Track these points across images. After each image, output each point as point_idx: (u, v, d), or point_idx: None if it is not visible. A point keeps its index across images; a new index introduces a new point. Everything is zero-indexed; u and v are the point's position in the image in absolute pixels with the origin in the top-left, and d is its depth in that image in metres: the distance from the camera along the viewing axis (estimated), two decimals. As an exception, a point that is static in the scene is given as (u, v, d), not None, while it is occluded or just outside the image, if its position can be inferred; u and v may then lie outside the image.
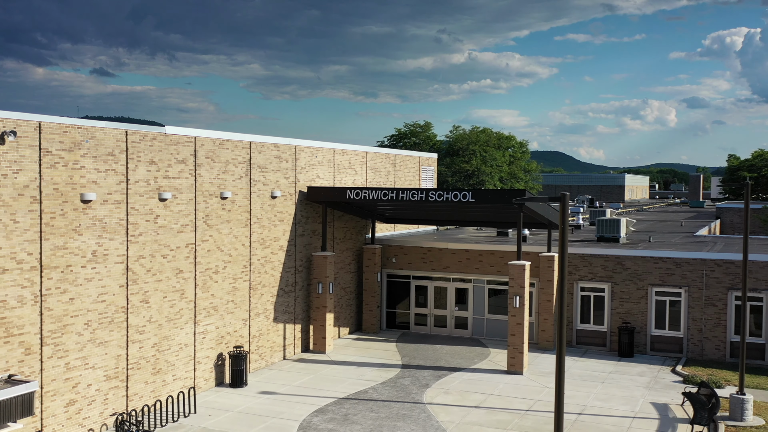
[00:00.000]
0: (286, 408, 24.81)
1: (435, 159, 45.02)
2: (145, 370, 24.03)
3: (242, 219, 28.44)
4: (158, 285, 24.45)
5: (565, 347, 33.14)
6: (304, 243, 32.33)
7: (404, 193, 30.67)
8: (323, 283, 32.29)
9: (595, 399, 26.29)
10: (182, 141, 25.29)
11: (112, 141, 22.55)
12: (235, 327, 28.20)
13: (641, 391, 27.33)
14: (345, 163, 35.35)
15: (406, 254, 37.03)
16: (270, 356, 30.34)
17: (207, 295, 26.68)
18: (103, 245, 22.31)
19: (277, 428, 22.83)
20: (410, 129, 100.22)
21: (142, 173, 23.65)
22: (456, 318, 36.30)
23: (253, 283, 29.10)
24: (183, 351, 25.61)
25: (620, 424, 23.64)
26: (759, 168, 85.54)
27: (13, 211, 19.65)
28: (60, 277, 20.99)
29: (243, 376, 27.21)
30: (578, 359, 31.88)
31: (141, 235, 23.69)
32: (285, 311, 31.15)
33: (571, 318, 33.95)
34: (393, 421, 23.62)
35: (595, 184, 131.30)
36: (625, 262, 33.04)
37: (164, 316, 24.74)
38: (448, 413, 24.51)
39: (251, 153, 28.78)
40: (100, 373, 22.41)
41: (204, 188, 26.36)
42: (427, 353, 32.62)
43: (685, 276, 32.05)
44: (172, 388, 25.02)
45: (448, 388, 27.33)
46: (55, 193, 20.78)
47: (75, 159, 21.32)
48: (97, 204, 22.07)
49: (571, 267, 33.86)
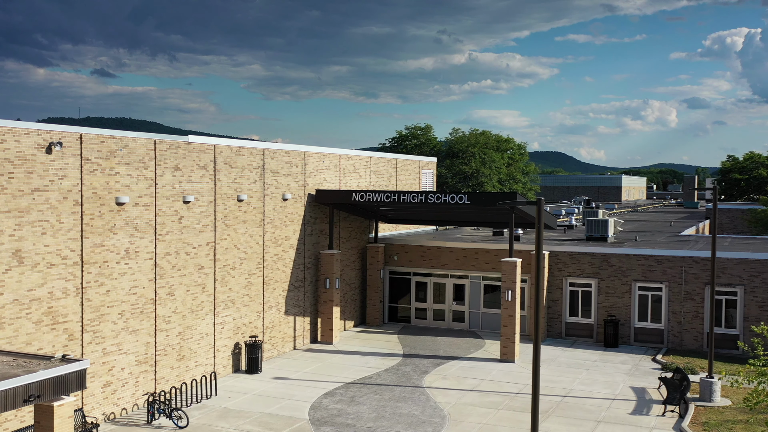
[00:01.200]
0: (298, 391, 27.34)
1: (434, 162, 47.54)
2: (171, 357, 26.57)
3: (256, 219, 30.97)
4: (182, 279, 26.99)
5: (554, 338, 35.75)
6: (312, 242, 34.86)
7: (405, 196, 33.16)
8: (330, 279, 34.81)
9: (579, 384, 28.80)
10: (203, 149, 27.83)
11: (143, 149, 25.09)
12: (250, 318, 30.73)
13: (622, 377, 29.84)
14: (350, 167, 37.88)
15: (407, 252, 39.54)
16: (282, 346, 32.87)
17: (225, 289, 29.22)
18: (134, 243, 24.84)
19: (291, 408, 25.35)
20: (411, 131, 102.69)
21: (169, 178, 26.19)
22: (454, 312, 38.82)
23: (266, 279, 31.63)
24: (204, 340, 28.14)
25: (600, 405, 26.15)
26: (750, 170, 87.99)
27: (59, 212, 22.19)
28: (98, 271, 23.53)
29: (258, 364, 29.74)
30: (567, 349, 34.39)
31: (167, 234, 26.23)
32: (295, 305, 33.69)
33: (560, 311, 36.42)
34: (395, 402, 26.14)
35: (592, 185, 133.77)
36: (611, 259, 35.55)
37: (187, 307, 27.27)
38: (445, 396, 27.02)
39: (264, 159, 31.31)
40: (132, 358, 24.94)
41: (222, 191, 28.90)
42: (426, 344, 35.14)
43: (666, 272, 34.55)
44: (195, 373, 27.56)
45: (446, 375, 29.86)
46: (94, 197, 23.31)
47: (111, 166, 23.85)
48: (130, 206, 24.60)
49: (560, 264, 36.35)
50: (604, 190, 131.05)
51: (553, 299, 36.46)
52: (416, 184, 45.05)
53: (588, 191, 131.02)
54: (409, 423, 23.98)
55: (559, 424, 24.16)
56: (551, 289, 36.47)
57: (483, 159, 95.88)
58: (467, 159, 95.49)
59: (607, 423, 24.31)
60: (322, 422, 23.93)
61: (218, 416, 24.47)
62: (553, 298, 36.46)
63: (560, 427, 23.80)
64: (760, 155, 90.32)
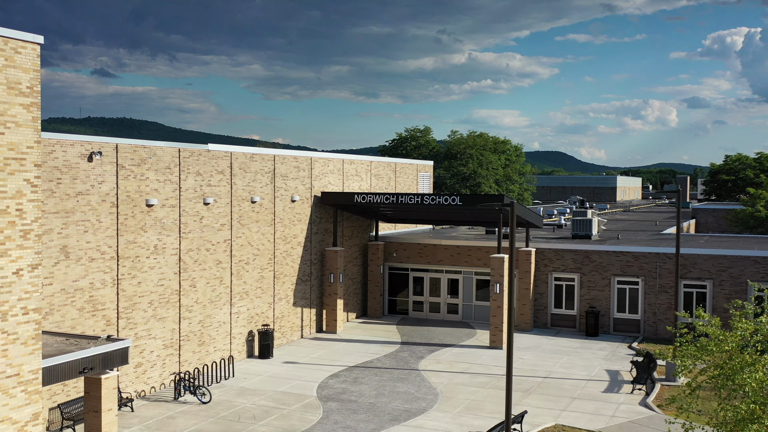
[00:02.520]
0: (307, 373, 30.48)
1: (431, 166, 50.66)
2: (193, 342, 29.71)
3: (268, 219, 34.11)
4: (203, 273, 30.13)
5: (540, 328, 38.76)
6: (318, 240, 38.00)
7: (403, 197, 36.26)
8: (334, 273, 37.94)
9: (560, 367, 31.93)
10: (221, 156, 30.97)
11: (169, 157, 28.22)
12: (262, 309, 33.87)
13: (599, 361, 32.97)
14: (352, 171, 41.02)
15: (405, 250, 42.67)
16: (290, 335, 36.02)
17: (240, 282, 32.35)
18: (162, 240, 27.98)
19: (301, 387, 28.49)
20: (411, 134, 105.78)
21: (191, 182, 29.32)
22: (448, 304, 41.96)
23: (276, 273, 34.77)
24: (221, 327, 31.28)
25: (577, 385, 29.28)
26: (737, 171, 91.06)
27: (98, 213, 25.33)
28: (131, 265, 26.67)
29: (270, 350, 32.87)
30: (551, 338, 37.52)
31: (190, 233, 29.37)
32: (302, 297, 36.83)
33: (546, 303, 39.55)
34: (394, 382, 29.27)
35: (588, 186, 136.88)
36: (592, 255, 38.67)
37: (207, 298, 30.41)
38: (438, 377, 30.16)
39: (275, 164, 34.44)
40: (160, 342, 28.08)
41: (238, 194, 32.03)
42: (422, 333, 38.28)
43: (642, 267, 37.66)
44: (214, 357, 30.69)
45: (440, 359, 32.99)
46: (128, 199, 26.45)
47: (142, 172, 26.99)
48: (158, 207, 27.74)
49: (546, 260, 39.47)
50: (599, 191, 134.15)
51: (539, 292, 39.58)
52: (414, 186, 48.17)
53: (584, 191, 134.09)
54: (406, 399, 27.11)
55: (539, 400, 27.28)
56: (537, 283, 39.59)
57: (480, 160, 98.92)
58: (465, 160, 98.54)
59: (581, 399, 27.44)
60: (329, 399, 27.07)
61: (236, 394, 27.60)
62: (540, 291, 39.58)
63: (540, 403, 26.91)
64: (747, 157, 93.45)
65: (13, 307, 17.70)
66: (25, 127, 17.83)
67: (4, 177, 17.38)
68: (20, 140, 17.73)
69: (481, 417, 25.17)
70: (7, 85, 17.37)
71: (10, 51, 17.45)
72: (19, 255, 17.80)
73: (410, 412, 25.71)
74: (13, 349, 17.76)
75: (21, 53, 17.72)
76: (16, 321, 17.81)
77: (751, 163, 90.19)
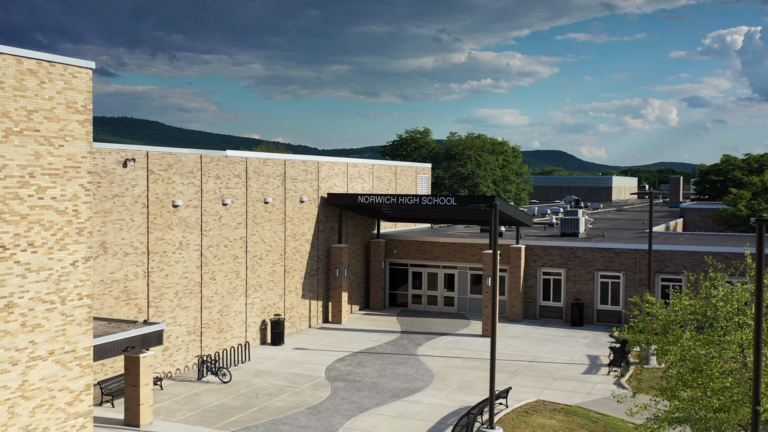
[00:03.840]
0: (315, 357, 33.67)
1: (429, 168, 53.83)
2: (213, 329, 32.90)
3: (279, 218, 37.30)
4: (221, 267, 33.31)
5: (529, 319, 41.86)
6: (324, 237, 41.19)
7: (403, 198, 39.41)
8: (339, 268, 41.14)
9: (545, 353, 35.11)
10: (237, 161, 34.15)
11: (192, 162, 31.41)
12: (274, 300, 37.07)
13: (582, 348, 36.14)
14: (356, 173, 44.21)
15: (405, 247, 45.85)
16: (299, 324, 39.23)
17: (254, 275, 35.54)
18: (186, 237, 31.17)
19: (311, 370, 31.68)
20: (410, 135, 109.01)
21: (211, 185, 32.51)
22: (445, 297, 45.15)
23: (287, 268, 37.96)
24: (238, 316, 34.47)
25: (559, 367, 32.46)
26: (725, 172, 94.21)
27: (131, 213, 28.52)
28: (159, 259, 29.86)
29: (281, 337, 36.06)
30: (539, 327, 40.71)
31: (210, 231, 32.56)
32: (310, 290, 40.03)
33: (535, 296, 42.73)
34: (394, 366, 32.46)
35: (584, 186, 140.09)
36: (577, 252, 41.85)
37: (225, 290, 33.60)
38: (434, 361, 33.35)
39: (285, 168, 37.63)
40: (184, 329, 31.27)
41: (252, 195, 35.22)
42: (420, 323, 41.49)
43: (623, 263, 40.83)
44: (231, 343, 33.87)
45: (436, 346, 36.19)
46: (156, 201, 29.63)
47: (168, 176, 30.18)
48: (182, 208, 30.92)
49: (535, 256, 42.64)
50: (595, 190, 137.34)
51: (529, 286, 42.76)
52: (413, 188, 51.36)
53: (580, 191, 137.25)
54: (405, 380, 30.30)
55: (524, 380, 30.45)
56: (527, 277, 42.76)
57: (478, 161, 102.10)
58: (463, 161, 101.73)
59: (562, 379, 30.62)
60: (336, 379, 30.26)
61: (253, 375, 30.79)
62: (529, 285, 42.76)
63: (525, 382, 30.08)
64: (736, 158, 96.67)
65: (70, 293, 20.89)
66: (80, 140, 21.04)
67: (64, 183, 20.58)
68: (76, 151, 20.93)
69: (471, 394, 28.33)
70: (66, 104, 20.57)
71: (69, 76, 20.65)
72: (75, 249, 20.99)
73: (409, 390, 28.90)
74: (70, 329, 20.95)
75: (77, 77, 20.93)
76: (73, 305, 21.00)
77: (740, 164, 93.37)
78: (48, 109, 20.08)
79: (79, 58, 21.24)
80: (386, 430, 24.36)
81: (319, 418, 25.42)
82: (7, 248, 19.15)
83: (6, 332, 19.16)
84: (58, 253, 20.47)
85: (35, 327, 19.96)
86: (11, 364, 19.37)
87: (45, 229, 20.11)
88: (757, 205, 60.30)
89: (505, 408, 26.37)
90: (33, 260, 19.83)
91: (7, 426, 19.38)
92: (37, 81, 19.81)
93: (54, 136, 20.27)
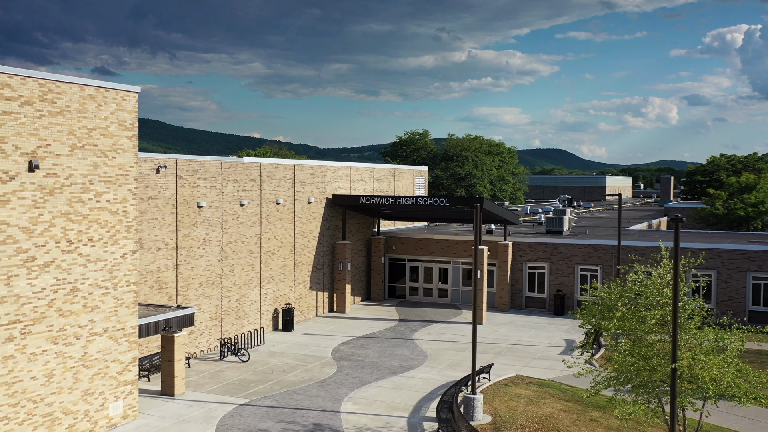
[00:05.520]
0: (322, 341, 37.86)
1: (425, 170, 58.00)
2: (231, 316, 37.08)
3: (289, 217, 41.47)
4: (239, 261, 37.49)
5: (516, 309, 45.99)
6: (329, 234, 45.37)
7: (400, 199, 43.54)
8: (343, 263, 45.30)
9: (528, 337, 39.29)
10: (253, 166, 38.32)
11: (214, 168, 35.57)
12: (285, 291, 41.25)
13: (561, 333, 40.30)
14: (358, 176, 48.39)
15: (403, 243, 50.02)
16: (307, 313, 43.42)
17: (268, 269, 39.72)
18: (208, 234, 35.34)
19: (319, 351, 35.86)
20: (410, 137, 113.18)
21: (230, 188, 36.68)
22: (439, 289, 49.33)
23: (296, 262, 42.15)
24: (253, 305, 38.65)
25: (539, 349, 36.64)
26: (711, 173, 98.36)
27: (163, 213, 32.69)
28: (186, 254, 34.04)
29: (292, 324, 40.25)
30: (524, 316, 44.89)
31: (229, 229, 36.73)
32: (317, 282, 44.22)
33: (521, 288, 46.90)
34: (392, 348, 36.63)
35: (579, 185, 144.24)
36: (559, 247, 46.00)
37: (242, 281, 37.78)
38: (428, 344, 37.52)
39: (295, 172, 41.81)
40: (207, 315, 35.44)
41: (266, 197, 39.39)
42: (417, 313, 45.68)
43: (601, 257, 44.98)
44: (247, 328, 38.06)
45: (430, 332, 40.37)
46: (184, 202, 33.80)
47: (194, 180, 34.35)
48: (206, 209, 35.09)
49: (521, 251, 46.80)
50: (589, 190, 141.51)
51: (516, 279, 46.93)
52: (411, 189, 55.53)
53: (575, 191, 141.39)
54: (402, 359, 34.48)
55: (507, 359, 34.62)
56: (514, 271, 46.92)
57: (475, 162, 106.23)
58: (461, 162, 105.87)
59: (541, 359, 34.80)
60: (341, 359, 34.44)
61: (268, 355, 34.99)
62: (516, 278, 46.93)
63: (507, 361, 34.25)
64: (721, 159, 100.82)
65: (120, 281, 25.07)
66: (128, 152, 25.22)
67: (116, 188, 24.76)
68: (125, 162, 25.11)
69: (459, 371, 32.50)
70: (118, 123, 24.75)
71: (120, 99, 24.84)
72: (125, 244, 25.18)
73: (405, 367, 33.09)
74: (120, 311, 25.14)
75: (126, 100, 25.11)
76: (123, 290, 25.19)
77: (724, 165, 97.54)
78: (104, 128, 24.26)
79: (128, 84, 25.41)
80: (385, 398, 28.54)
81: (327, 389, 29.60)
82: (73, 242, 23.35)
83: (72, 312, 23.36)
84: (111, 247, 24.66)
85: (93, 308, 24.16)
86: (75, 338, 23.57)
87: (101, 227, 24.30)
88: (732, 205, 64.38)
89: (488, 381, 30.54)
90: (92, 253, 24.02)
91: (72, 389, 23.58)
92: (96, 104, 23.99)
93: (108, 149, 24.46)
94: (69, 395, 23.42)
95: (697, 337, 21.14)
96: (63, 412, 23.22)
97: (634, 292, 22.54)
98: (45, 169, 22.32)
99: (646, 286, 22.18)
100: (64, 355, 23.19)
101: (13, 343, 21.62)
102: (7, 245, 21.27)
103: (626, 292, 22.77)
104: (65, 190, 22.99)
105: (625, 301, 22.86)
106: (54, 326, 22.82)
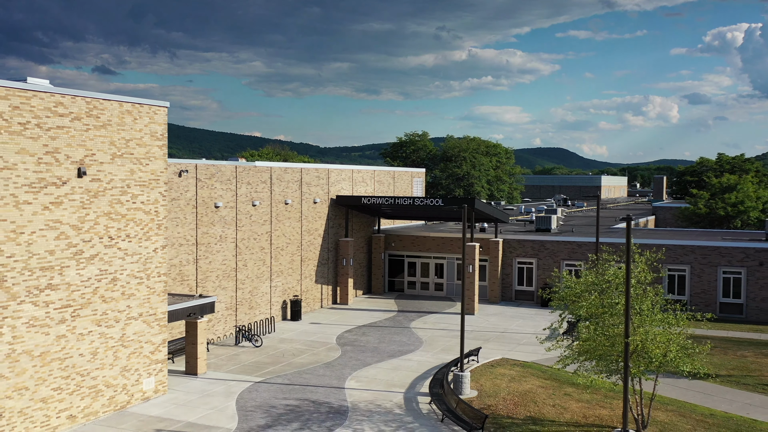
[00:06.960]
0: (327, 329, 41.51)
1: (423, 172, 61.65)
2: (245, 306, 40.72)
3: (296, 216, 45.10)
4: (251, 256, 41.12)
5: (506, 301, 49.55)
6: (333, 232, 49.01)
7: (399, 200, 47.14)
8: (346, 258, 48.94)
9: (516, 326, 42.92)
10: (264, 169, 41.95)
11: (229, 172, 39.20)
12: (293, 284, 44.89)
13: (546, 323, 43.83)
14: (359, 178, 52.03)
15: (402, 240, 53.65)
16: (313, 305, 47.08)
17: (277, 263, 43.35)
18: (224, 232, 38.98)
19: (324, 338, 39.50)
20: (409, 138, 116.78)
21: (244, 190, 40.31)
22: (435, 284, 52.96)
23: (303, 257, 45.78)
24: (264, 297, 42.30)
25: (524, 337, 40.27)
26: (699, 173, 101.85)
27: (185, 213, 36.33)
28: (204, 250, 37.67)
29: (299, 314, 43.90)
30: (513, 308, 48.52)
31: (243, 227, 40.36)
32: (322, 276, 47.86)
33: (511, 282, 50.52)
34: (391, 335, 40.27)
35: (575, 185, 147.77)
36: (546, 244, 49.61)
37: (255, 275, 41.42)
38: (424, 332, 41.16)
39: (302, 175, 45.44)
40: (223, 305, 39.07)
41: (275, 198, 43.02)
42: (414, 305, 49.33)
43: (584, 254, 48.57)
44: (259, 318, 41.70)
45: (426, 321, 44.02)
46: (203, 203, 37.43)
47: (211, 183, 37.98)
48: (222, 208, 38.72)
49: (511, 248, 50.42)
50: (584, 189, 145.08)
51: (506, 273, 50.54)
52: (409, 190, 59.17)
53: (570, 190, 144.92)
54: (400, 344, 38.11)
55: (494, 345, 38.24)
56: (505, 266, 50.52)
57: (473, 162, 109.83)
58: (459, 162, 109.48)
59: (526, 345, 38.43)
60: (345, 344, 38.08)
61: (278, 341, 38.63)
62: (506, 273, 50.54)
63: (495, 347, 37.86)
64: (710, 160, 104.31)
65: (152, 272, 28.70)
66: (159, 159, 28.84)
67: (149, 191, 28.39)
68: (156, 168, 28.73)
69: (451, 354, 36.12)
70: (150, 134, 28.37)
71: (152, 113, 28.46)
72: (156, 239, 28.80)
73: (402, 351, 36.73)
74: (152, 298, 28.78)
75: (157, 114, 28.74)
76: (154, 280, 28.82)
77: (713, 166, 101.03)
78: (138, 138, 27.88)
79: (159, 100, 29.03)
80: (384, 377, 32.17)
81: (333, 369, 33.23)
82: (113, 238, 26.98)
83: (112, 298, 27.00)
84: (144, 242, 28.29)
85: (130, 295, 27.79)
86: (115, 321, 27.20)
87: (136, 225, 27.92)
88: (714, 204, 67.97)
89: (476, 363, 34.16)
90: (129, 247, 27.65)
91: (113, 365, 27.22)
92: (132, 118, 27.62)
93: (142, 157, 28.08)
94: (110, 371, 27.06)
95: (649, 318, 24.76)
96: (105, 385, 26.85)
97: (603, 282, 26.04)
98: (91, 175, 25.94)
99: (614, 275, 25.65)
100: (106, 336, 26.82)
101: (65, 324, 25.25)
102: (60, 240, 24.90)
103: (594, 282, 26.26)
104: (107, 192, 26.61)
105: (591, 290, 26.36)
106: (98, 311, 26.45)
